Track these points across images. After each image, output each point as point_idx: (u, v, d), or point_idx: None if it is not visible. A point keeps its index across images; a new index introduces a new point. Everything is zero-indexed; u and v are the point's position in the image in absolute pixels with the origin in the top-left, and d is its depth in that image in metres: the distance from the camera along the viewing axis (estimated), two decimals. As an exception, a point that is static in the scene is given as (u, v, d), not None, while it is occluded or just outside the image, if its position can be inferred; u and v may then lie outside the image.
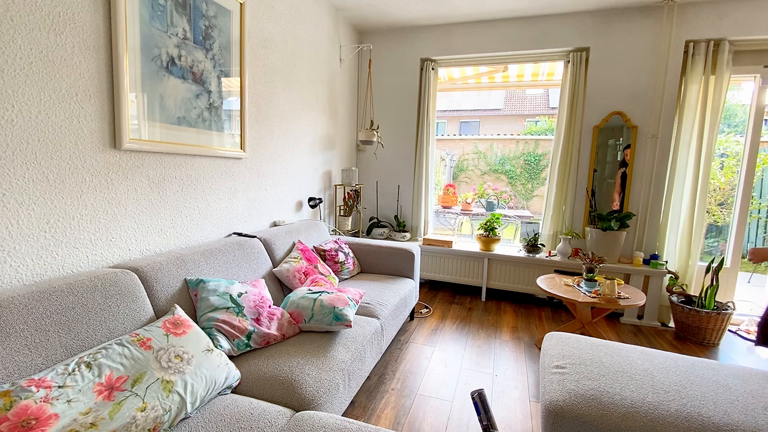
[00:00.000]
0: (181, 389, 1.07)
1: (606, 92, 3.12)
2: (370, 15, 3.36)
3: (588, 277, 2.52)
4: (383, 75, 3.75)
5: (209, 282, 1.54)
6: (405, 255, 2.70)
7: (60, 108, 1.30)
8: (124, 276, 1.33)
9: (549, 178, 3.42)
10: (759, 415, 1.13)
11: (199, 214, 1.95)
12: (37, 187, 1.26)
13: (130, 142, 1.52)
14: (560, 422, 1.20)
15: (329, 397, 1.35)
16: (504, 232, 3.67)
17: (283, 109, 2.59)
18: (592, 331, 2.49)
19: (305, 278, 2.08)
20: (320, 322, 1.64)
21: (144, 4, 1.54)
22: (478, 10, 3.16)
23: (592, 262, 2.53)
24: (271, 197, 2.55)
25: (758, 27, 2.74)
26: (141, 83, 1.55)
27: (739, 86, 3.98)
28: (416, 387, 2.00)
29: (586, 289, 2.45)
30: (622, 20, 3.04)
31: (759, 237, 5.51)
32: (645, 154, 3.07)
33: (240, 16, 2.08)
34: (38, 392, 0.87)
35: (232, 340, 1.43)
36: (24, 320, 1.03)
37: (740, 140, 3.34)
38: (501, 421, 1.75)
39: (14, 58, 1.17)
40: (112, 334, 1.21)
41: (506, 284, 3.39)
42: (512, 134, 11.06)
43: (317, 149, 3.12)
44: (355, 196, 3.44)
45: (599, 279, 2.50)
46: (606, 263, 2.95)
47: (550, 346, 1.58)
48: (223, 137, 2.04)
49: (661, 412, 1.14)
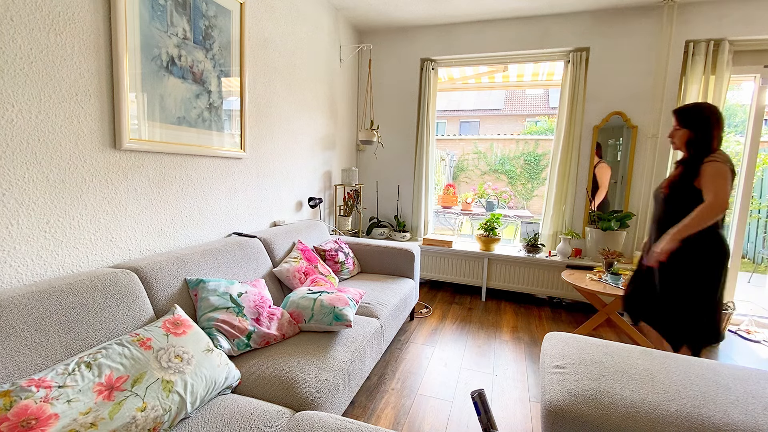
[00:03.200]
0: (181, 389, 1.07)
1: (606, 92, 3.12)
2: (370, 15, 3.36)
3: (612, 271, 2.61)
4: (383, 75, 3.75)
5: (209, 282, 1.54)
6: (405, 255, 2.70)
7: (60, 108, 1.30)
8: (124, 276, 1.33)
9: (549, 178, 3.42)
10: (759, 415, 1.13)
11: (199, 214, 1.95)
12: (37, 187, 1.26)
13: (130, 142, 1.52)
14: (560, 422, 1.20)
15: (329, 397, 1.35)
16: (504, 232, 3.67)
17: (283, 109, 2.59)
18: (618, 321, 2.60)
19: (305, 278, 2.08)
20: (320, 322, 1.64)
21: (144, 4, 1.54)
22: (478, 9, 3.16)
23: (612, 256, 2.72)
24: (271, 197, 2.55)
25: (758, 27, 2.74)
26: (141, 83, 1.55)
27: (739, 86, 3.98)
28: (416, 387, 2.00)
29: (613, 282, 2.54)
30: (622, 20, 3.04)
31: (759, 237, 5.51)
32: (645, 154, 3.07)
33: (240, 16, 2.08)
34: (38, 392, 0.87)
35: (232, 340, 1.43)
36: (24, 320, 1.03)
37: (740, 140, 3.33)
38: (501, 421, 1.75)
39: (14, 58, 1.17)
40: (112, 334, 1.21)
41: (506, 284, 3.39)
42: (512, 134, 11.06)
43: (317, 149, 3.12)
44: (355, 196, 3.44)
45: (624, 272, 2.59)
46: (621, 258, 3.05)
47: (550, 346, 1.58)
48: (223, 137, 2.04)
49: (661, 412, 1.14)
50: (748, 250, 5.53)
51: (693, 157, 1.75)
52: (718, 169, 1.64)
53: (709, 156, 1.69)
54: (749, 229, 5.53)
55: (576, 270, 2.94)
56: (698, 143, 1.74)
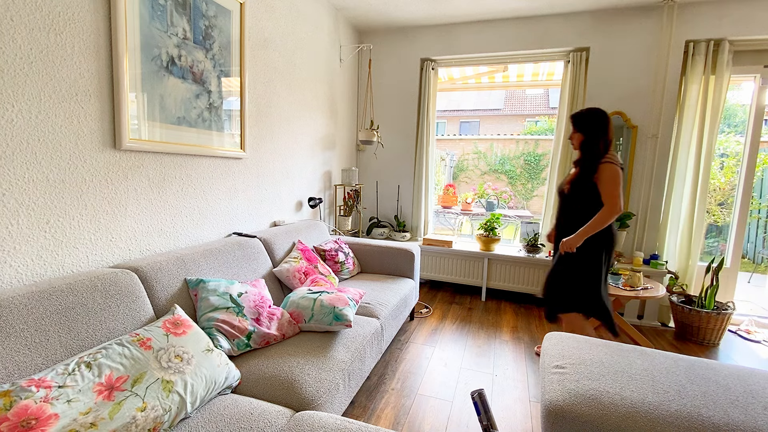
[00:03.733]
0: (181, 389, 1.07)
1: (606, 92, 3.12)
2: (370, 15, 3.36)
3: (612, 271, 2.60)
4: (383, 75, 3.75)
5: (209, 282, 1.54)
6: (405, 255, 2.70)
7: (60, 108, 1.30)
8: (124, 276, 1.33)
9: (549, 178, 3.42)
10: (759, 415, 1.13)
11: (199, 214, 1.95)
12: (37, 187, 1.26)
13: (130, 142, 1.52)
14: (560, 422, 1.20)
15: (329, 397, 1.35)
16: (504, 232, 3.67)
17: (283, 109, 2.59)
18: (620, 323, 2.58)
19: (305, 278, 2.08)
20: (320, 322, 1.64)
21: (144, 4, 1.54)
22: (478, 9, 3.16)
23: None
24: (271, 197, 2.55)
25: (758, 27, 2.74)
26: (141, 83, 1.55)
27: (739, 86, 3.98)
28: (416, 387, 2.00)
29: (613, 282, 2.55)
30: (622, 20, 3.04)
31: (759, 237, 5.51)
32: (645, 154, 3.07)
33: (240, 15, 2.08)
34: (38, 392, 0.87)
35: (232, 340, 1.43)
36: (24, 320, 1.03)
37: (740, 140, 3.34)
38: (501, 421, 1.75)
39: (14, 58, 1.17)
40: (112, 334, 1.21)
41: (506, 284, 3.39)
42: (512, 134, 11.06)
43: (317, 149, 3.12)
44: (355, 196, 3.44)
45: (623, 272, 2.59)
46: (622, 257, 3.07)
47: (550, 346, 1.58)
48: (223, 137, 2.04)
49: (661, 412, 1.14)
50: (748, 250, 5.53)
51: (586, 157, 2.03)
52: (613, 172, 1.93)
53: (604, 157, 1.98)
54: (749, 229, 5.53)
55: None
56: (590, 145, 2.02)
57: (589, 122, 2.03)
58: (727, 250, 3.12)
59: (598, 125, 2.01)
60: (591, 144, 2.01)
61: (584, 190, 2.01)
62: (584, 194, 2.02)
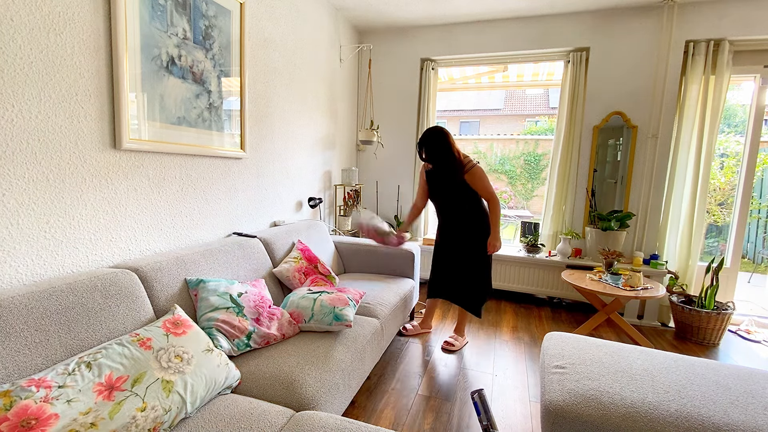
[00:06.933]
0: (181, 389, 1.07)
1: (606, 92, 3.12)
2: (370, 15, 3.36)
3: (612, 271, 2.61)
4: (383, 75, 3.75)
5: (209, 282, 1.54)
6: (405, 255, 2.70)
7: (60, 108, 1.30)
8: (124, 276, 1.33)
9: (549, 178, 3.42)
10: (759, 415, 1.13)
11: (199, 214, 1.95)
12: (37, 187, 1.26)
13: (130, 141, 1.52)
14: (560, 422, 1.20)
15: (329, 397, 1.35)
16: (504, 232, 3.66)
17: (283, 109, 2.59)
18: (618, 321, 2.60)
19: (305, 278, 2.08)
20: (320, 322, 1.64)
21: (144, 4, 1.54)
22: (478, 9, 3.16)
23: (612, 256, 2.74)
24: (271, 197, 2.55)
25: (758, 27, 2.74)
26: (141, 83, 1.55)
27: (739, 86, 3.98)
28: (416, 387, 2.00)
29: (613, 282, 2.55)
30: (622, 20, 3.04)
31: (759, 237, 5.51)
32: (645, 154, 3.07)
33: (240, 16, 2.08)
34: (38, 392, 0.87)
35: (232, 340, 1.43)
36: (24, 320, 1.03)
37: (740, 140, 3.34)
38: (501, 421, 1.75)
39: (14, 58, 1.17)
40: (112, 334, 1.21)
41: (506, 284, 3.39)
42: (512, 134, 11.06)
43: (317, 149, 3.12)
44: (355, 196, 3.43)
45: (623, 272, 2.59)
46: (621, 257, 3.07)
47: (550, 346, 1.58)
48: (223, 137, 2.04)
49: (661, 412, 1.15)
50: (748, 250, 5.53)
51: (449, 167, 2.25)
52: (480, 172, 2.23)
53: (467, 163, 2.24)
54: (749, 229, 5.53)
55: (576, 270, 2.94)
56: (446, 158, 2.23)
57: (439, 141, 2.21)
58: (727, 250, 3.12)
59: (446, 140, 2.22)
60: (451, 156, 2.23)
61: (460, 190, 2.27)
62: (461, 192, 2.27)
